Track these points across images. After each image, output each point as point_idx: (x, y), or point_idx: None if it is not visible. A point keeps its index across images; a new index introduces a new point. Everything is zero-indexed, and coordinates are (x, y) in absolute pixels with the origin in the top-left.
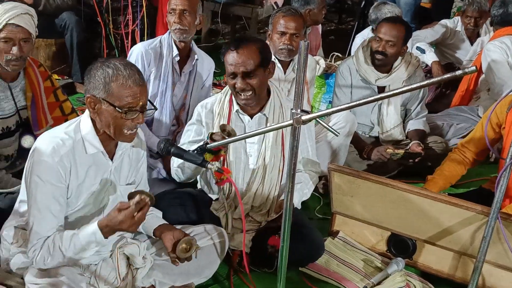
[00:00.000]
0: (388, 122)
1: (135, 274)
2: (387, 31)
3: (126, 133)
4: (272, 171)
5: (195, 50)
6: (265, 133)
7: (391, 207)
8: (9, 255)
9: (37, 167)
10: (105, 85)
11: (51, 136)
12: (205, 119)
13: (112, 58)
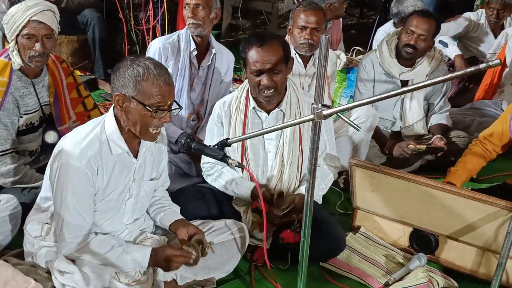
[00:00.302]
0: (410, 116)
1: (156, 268)
2: (419, 24)
3: (152, 132)
4: (291, 167)
5: (213, 44)
6: (283, 129)
7: (414, 203)
8: (34, 249)
9: (65, 170)
10: (135, 84)
11: (77, 138)
12: (224, 118)
13: (140, 56)
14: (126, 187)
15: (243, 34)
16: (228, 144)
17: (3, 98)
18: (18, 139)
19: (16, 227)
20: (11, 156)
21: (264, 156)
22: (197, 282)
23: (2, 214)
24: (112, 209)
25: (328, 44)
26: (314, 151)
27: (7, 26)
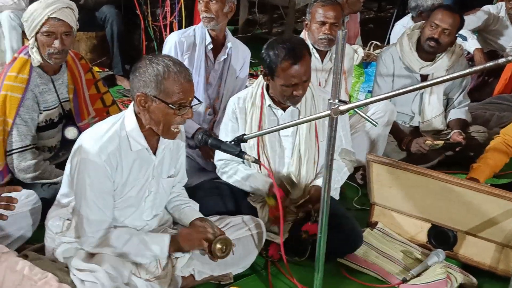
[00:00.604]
0: (429, 111)
1: (174, 264)
2: (444, 18)
3: (173, 131)
4: (307, 163)
5: (229, 38)
6: (299, 126)
7: (432, 198)
8: (54, 244)
9: (85, 166)
10: (157, 83)
11: (97, 134)
12: (239, 114)
13: (158, 55)
14: (146, 184)
15: (259, 29)
16: (245, 140)
17: (23, 94)
18: (37, 135)
19: (36, 222)
20: (31, 152)
21: (280, 153)
22: (214, 278)
23: (23, 209)
24: (132, 205)
25: (344, 39)
26: (331, 147)
27: (26, 23)
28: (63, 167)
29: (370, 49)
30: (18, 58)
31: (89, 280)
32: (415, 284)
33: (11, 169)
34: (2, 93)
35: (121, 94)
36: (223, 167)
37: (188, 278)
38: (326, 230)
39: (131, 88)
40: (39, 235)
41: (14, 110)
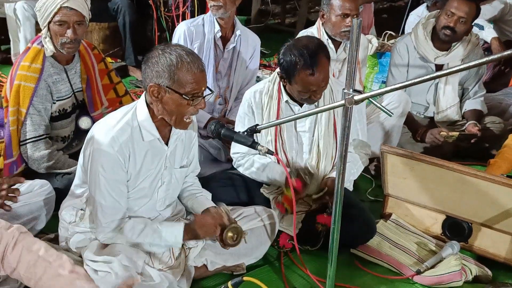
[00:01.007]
0: (444, 101)
1: (187, 254)
2: (460, 6)
3: (186, 120)
4: (326, 159)
5: (238, 26)
6: (317, 122)
7: (447, 189)
8: (68, 234)
9: (98, 156)
10: (170, 73)
11: (109, 125)
12: (255, 109)
13: (170, 44)
14: (158, 174)
15: (272, 19)
16: (258, 130)
17: (36, 84)
18: (51, 125)
19: (50, 212)
20: (44, 142)
21: (298, 149)
22: (227, 268)
23: (37, 199)
24: (145, 196)
25: (359, 29)
26: (345, 138)
27: (39, 13)
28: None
29: (384, 39)
30: (31, 48)
31: (103, 270)
32: (429, 276)
33: (25, 159)
34: (15, 82)
35: (134, 85)
36: (239, 159)
37: (201, 268)
38: (339, 221)
39: (143, 78)
40: (52, 225)
41: (27, 100)
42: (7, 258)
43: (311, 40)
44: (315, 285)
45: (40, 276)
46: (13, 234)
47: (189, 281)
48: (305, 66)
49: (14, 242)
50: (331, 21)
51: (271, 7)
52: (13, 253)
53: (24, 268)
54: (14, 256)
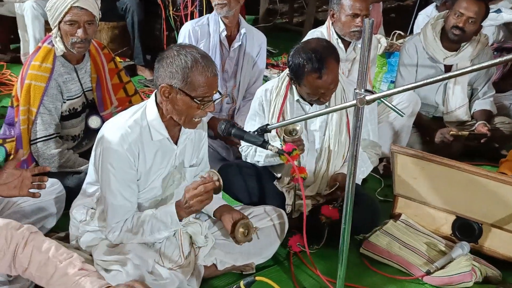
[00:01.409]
0: (453, 102)
1: (197, 253)
2: (469, 6)
3: (195, 121)
4: (337, 158)
5: (242, 24)
6: (328, 121)
7: (457, 190)
8: (78, 233)
9: (108, 155)
10: (183, 75)
11: (119, 124)
12: (265, 106)
13: (185, 45)
14: (169, 174)
15: (280, 19)
16: (268, 130)
17: (46, 84)
18: (61, 124)
19: (60, 211)
20: (55, 141)
21: (309, 147)
22: (236, 267)
23: (47, 198)
24: (156, 195)
25: (371, 28)
26: (356, 138)
27: (49, 12)
28: (86, 156)
29: (393, 39)
30: (41, 47)
31: (114, 269)
32: (439, 276)
33: (35, 158)
34: (26, 82)
35: (142, 84)
36: (245, 150)
37: (210, 267)
38: (350, 222)
39: (155, 77)
40: (63, 224)
41: (38, 99)
42: (18, 258)
43: (320, 43)
44: (324, 285)
45: (51, 275)
46: (23, 234)
47: (199, 280)
48: (312, 69)
49: (24, 242)
50: (341, 21)
51: (278, 6)
52: (24, 253)
53: (35, 268)
54: (25, 256)
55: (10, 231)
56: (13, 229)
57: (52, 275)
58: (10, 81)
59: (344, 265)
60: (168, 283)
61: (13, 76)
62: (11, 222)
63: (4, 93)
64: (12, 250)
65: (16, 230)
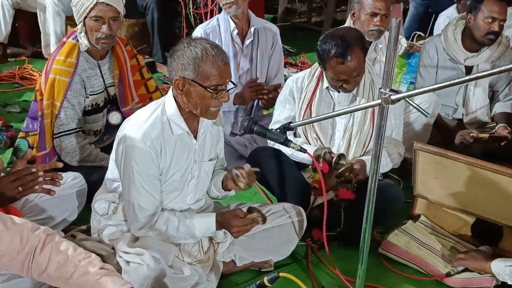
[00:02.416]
0: (474, 103)
1: (216, 249)
2: (501, 10)
3: (212, 110)
4: (356, 146)
5: (253, 20)
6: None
7: (479, 191)
8: (100, 226)
9: (131, 153)
10: (194, 66)
11: (140, 121)
12: (296, 93)
13: (196, 38)
14: (188, 168)
15: (298, 18)
16: (291, 128)
17: (70, 78)
18: (84, 119)
19: (82, 204)
20: (77, 135)
21: (331, 133)
22: (255, 264)
23: (70, 191)
24: (176, 189)
25: (398, 28)
26: (380, 137)
27: (75, 8)
28: (107, 151)
29: (413, 40)
30: (66, 43)
31: (135, 262)
32: (460, 278)
33: (57, 152)
34: (50, 76)
35: (161, 81)
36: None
37: (229, 263)
38: (371, 221)
39: (169, 72)
40: (84, 217)
41: (62, 94)
42: (35, 260)
43: (348, 31)
44: (343, 284)
45: (71, 275)
46: (39, 236)
47: (218, 276)
48: (336, 54)
49: (42, 244)
50: (360, 20)
51: (297, 5)
52: (42, 254)
53: (54, 268)
54: (43, 258)
55: (26, 232)
56: (30, 230)
57: (72, 275)
58: (32, 76)
59: (365, 264)
60: (188, 278)
61: (35, 70)
62: (27, 223)
63: (26, 87)
64: (27, 252)
65: (33, 232)
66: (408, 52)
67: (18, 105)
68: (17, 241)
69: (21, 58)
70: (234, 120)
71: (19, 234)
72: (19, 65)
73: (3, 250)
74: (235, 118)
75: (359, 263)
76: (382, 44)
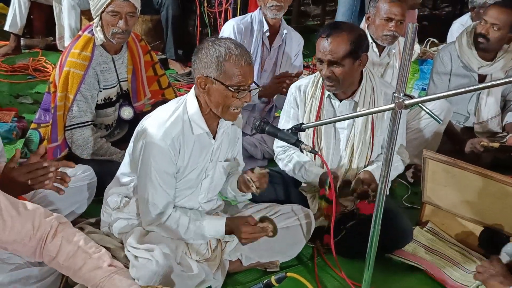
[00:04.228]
0: (485, 112)
1: (224, 247)
2: (493, 14)
3: (233, 111)
4: (359, 158)
5: (283, 25)
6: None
7: (487, 200)
8: (111, 220)
9: (150, 149)
10: (217, 65)
11: (162, 118)
12: (300, 102)
13: (220, 37)
14: (204, 167)
15: (312, 21)
16: (302, 129)
17: (85, 72)
18: (96, 112)
19: (91, 197)
20: (89, 128)
21: (335, 145)
22: (261, 264)
23: (80, 184)
24: (190, 187)
25: (415, 33)
26: (392, 142)
27: (92, 2)
28: (117, 145)
29: (426, 46)
30: (82, 36)
31: (144, 257)
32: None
33: (68, 144)
34: (65, 69)
35: (173, 78)
36: (280, 153)
37: (235, 262)
38: (379, 226)
39: (193, 70)
40: (92, 210)
41: (75, 86)
42: (47, 247)
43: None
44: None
45: (80, 267)
46: (51, 223)
47: (224, 274)
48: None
49: (53, 231)
50: (375, 24)
51: (311, 8)
52: (53, 242)
53: (63, 258)
54: (54, 245)
55: (38, 217)
56: (42, 216)
57: (81, 267)
58: (45, 68)
59: (371, 269)
60: (195, 275)
61: (48, 63)
62: (40, 209)
63: (39, 79)
64: (39, 238)
65: (45, 218)
66: (421, 59)
67: (30, 97)
68: (28, 227)
69: (35, 50)
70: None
71: (31, 220)
72: (33, 57)
73: (15, 236)
74: (247, 118)
75: (366, 267)
76: (395, 49)
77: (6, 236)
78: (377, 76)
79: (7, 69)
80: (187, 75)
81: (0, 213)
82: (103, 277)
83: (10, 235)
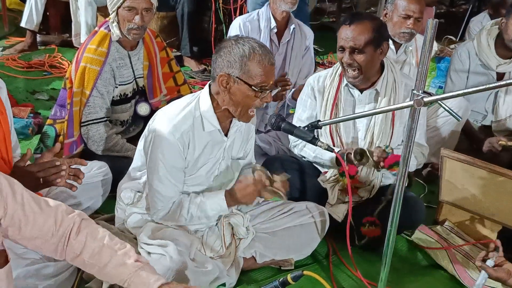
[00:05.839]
0: (503, 110)
1: (238, 244)
2: None
3: (250, 113)
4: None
5: (292, 20)
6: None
7: (505, 200)
8: (125, 215)
9: (159, 143)
10: (241, 64)
11: (172, 113)
12: (317, 93)
13: (243, 36)
14: (216, 164)
15: (327, 18)
16: (319, 126)
17: (101, 67)
18: (112, 108)
19: (106, 193)
20: (104, 124)
21: (354, 134)
22: (275, 262)
23: (95, 180)
24: (200, 184)
25: (435, 29)
26: (410, 139)
27: None
28: (133, 141)
29: (443, 43)
30: (98, 32)
31: (157, 253)
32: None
33: (84, 140)
34: (81, 64)
35: (188, 75)
36: (295, 140)
37: (249, 260)
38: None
39: (213, 68)
40: (107, 206)
41: (92, 82)
42: (70, 244)
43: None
44: (364, 286)
45: (105, 264)
46: (73, 219)
47: (238, 271)
48: (344, 19)
49: (77, 228)
50: (392, 21)
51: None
52: (78, 239)
53: (88, 255)
54: (78, 242)
55: (60, 214)
56: (64, 213)
57: (107, 264)
58: (61, 64)
59: (387, 267)
60: (209, 272)
61: (64, 59)
62: (62, 205)
63: (54, 75)
64: (61, 234)
65: (67, 214)
66: (438, 56)
67: (46, 93)
68: (51, 223)
69: (51, 47)
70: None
71: (53, 217)
72: (49, 54)
73: (36, 232)
74: (262, 116)
75: (382, 266)
76: (412, 46)
77: (28, 232)
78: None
79: (23, 65)
80: (202, 72)
81: (22, 208)
82: (129, 273)
83: (32, 231)
